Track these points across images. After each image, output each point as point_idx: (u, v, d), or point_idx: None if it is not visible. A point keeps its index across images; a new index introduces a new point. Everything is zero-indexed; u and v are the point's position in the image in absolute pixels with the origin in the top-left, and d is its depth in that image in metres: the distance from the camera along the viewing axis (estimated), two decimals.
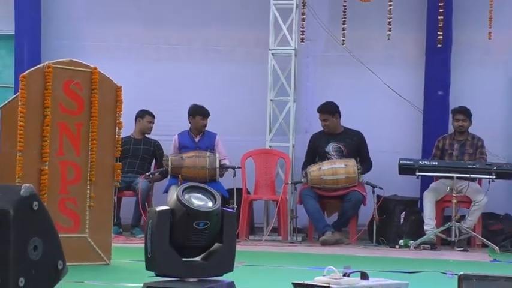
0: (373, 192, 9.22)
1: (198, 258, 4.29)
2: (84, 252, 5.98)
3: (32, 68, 6.50)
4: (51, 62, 6.47)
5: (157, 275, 4.24)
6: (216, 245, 4.26)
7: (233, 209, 6.50)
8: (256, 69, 10.05)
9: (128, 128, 8.62)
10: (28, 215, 4.59)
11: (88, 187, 6.21)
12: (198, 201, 4.22)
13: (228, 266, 4.33)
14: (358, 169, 9.16)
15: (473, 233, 8.84)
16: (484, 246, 8.76)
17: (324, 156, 9.33)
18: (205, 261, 4.28)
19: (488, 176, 8.77)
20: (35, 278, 4.57)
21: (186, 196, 4.18)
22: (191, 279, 4.17)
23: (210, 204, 4.18)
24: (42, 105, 6.03)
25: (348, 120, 9.59)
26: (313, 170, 9.17)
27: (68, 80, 6.22)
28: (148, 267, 4.22)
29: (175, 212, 4.18)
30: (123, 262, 6.39)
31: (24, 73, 6.35)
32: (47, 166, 5.97)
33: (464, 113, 9.31)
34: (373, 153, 9.50)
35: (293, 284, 4.19)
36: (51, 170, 6.00)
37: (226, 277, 4.37)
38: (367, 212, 9.29)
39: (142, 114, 9.70)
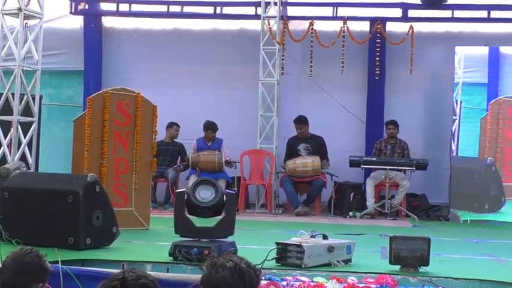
0: (332, 179, 9.60)
1: (209, 225, 4.60)
2: (130, 220, 6.26)
3: (95, 93, 6.87)
4: (109, 89, 6.91)
5: (181, 236, 4.58)
6: (221, 216, 4.57)
7: (234, 191, 6.52)
8: (251, 94, 10.35)
9: (161, 134, 8.94)
10: (92, 195, 4.93)
11: (134, 176, 6.54)
12: (204, 192, 4.51)
13: (230, 231, 4.62)
14: (322, 164, 9.52)
15: (400, 207, 9.32)
16: (407, 216, 9.20)
17: (297, 154, 9.70)
18: (214, 227, 4.60)
19: (410, 168, 9.24)
20: (97, 238, 4.90)
21: (196, 190, 4.51)
22: (204, 240, 4.48)
23: (211, 195, 4.48)
24: (102, 119, 6.34)
25: (314, 128, 9.93)
26: (290, 163, 9.61)
27: (119, 101, 6.55)
28: (176, 231, 4.61)
29: (189, 196, 4.51)
30: (158, 228, 6.62)
31: (90, 96, 6.70)
32: (105, 161, 6.31)
33: (394, 124, 9.74)
34: (331, 151, 9.82)
35: (276, 242, 4.40)
36: (108, 164, 6.32)
37: (229, 239, 4.64)
38: (327, 193, 9.68)
39: (171, 125, 9.95)
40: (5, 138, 6.65)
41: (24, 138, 6.75)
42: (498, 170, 9.77)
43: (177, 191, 4.88)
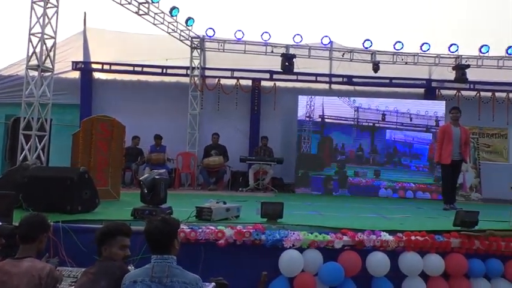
0: (229, 169, 9.63)
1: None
2: (108, 195, 5.93)
3: (87, 118, 6.60)
4: (95, 115, 6.70)
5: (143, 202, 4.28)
6: (162, 193, 4.22)
7: (169, 178, 5.87)
8: (183, 120, 10.10)
9: (129, 142, 8.89)
10: (83, 180, 4.72)
11: (110, 168, 6.24)
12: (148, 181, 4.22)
13: (164, 200, 4.26)
14: (224, 160, 9.45)
15: (268, 185, 9.20)
16: (272, 190, 9.06)
17: (210, 155, 9.47)
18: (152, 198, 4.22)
19: (273, 162, 9.33)
20: (86, 206, 4.65)
21: (146, 179, 4.23)
22: (151, 205, 4.20)
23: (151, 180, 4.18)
24: (90, 134, 6.08)
25: (220, 140, 9.77)
26: (205, 160, 9.39)
27: (102, 123, 6.28)
28: (141, 200, 4.30)
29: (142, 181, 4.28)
30: (125, 199, 6.22)
31: (83, 120, 6.44)
32: (92, 159, 6.00)
33: (266, 138, 9.82)
34: (230, 153, 9.67)
35: (196, 206, 4.28)
36: (93, 161, 6.02)
37: (168, 205, 4.36)
38: (227, 177, 9.63)
39: (134, 137, 9.52)
40: (27, 144, 6.20)
41: (39, 145, 6.32)
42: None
43: (140, 178, 4.51)
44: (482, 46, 9.86)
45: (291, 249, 3.67)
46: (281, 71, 9.89)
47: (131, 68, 10.44)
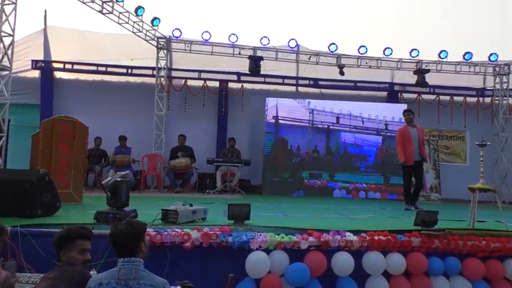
0: (196, 171, 9.55)
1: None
2: (69, 198, 5.77)
3: (47, 119, 6.38)
4: (56, 116, 6.44)
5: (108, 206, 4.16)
6: (124, 195, 4.13)
7: (133, 180, 5.81)
8: (149, 121, 9.89)
9: (91, 144, 8.73)
10: (43, 182, 4.54)
11: (72, 170, 6.04)
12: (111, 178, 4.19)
13: (126, 203, 4.16)
14: (191, 162, 9.36)
15: (235, 187, 9.20)
16: (239, 192, 9.02)
17: (176, 156, 9.40)
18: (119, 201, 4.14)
19: (241, 164, 9.25)
20: (46, 210, 4.47)
21: (109, 182, 4.16)
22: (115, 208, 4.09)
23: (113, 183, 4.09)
24: (51, 135, 5.86)
25: (187, 142, 9.67)
26: (172, 162, 9.30)
27: (63, 123, 6.06)
28: (106, 203, 4.18)
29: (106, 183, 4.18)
30: (88, 202, 6.10)
31: (44, 120, 6.25)
32: (53, 161, 5.80)
33: (233, 139, 9.74)
34: (197, 155, 9.57)
35: (161, 209, 4.18)
36: (54, 163, 5.81)
37: (133, 207, 4.30)
38: (194, 179, 9.54)
39: (96, 139, 9.27)
40: None
41: None
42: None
43: (103, 181, 4.37)
44: (441, 51, 10.26)
45: (257, 250, 3.67)
46: (248, 73, 9.92)
47: (95, 68, 10.16)
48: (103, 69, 10.16)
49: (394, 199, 9.29)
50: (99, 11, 8.35)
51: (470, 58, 10.31)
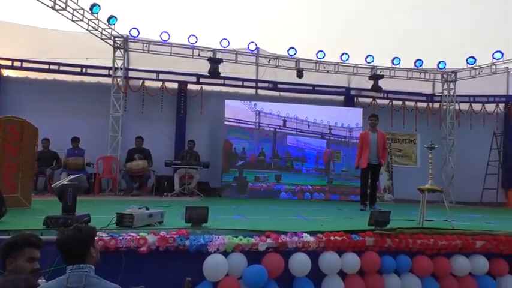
0: (154, 173, 9.37)
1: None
2: (17, 202, 5.50)
3: None
4: (3, 116, 6.03)
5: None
6: (70, 199, 3.86)
7: (86, 183, 5.35)
8: (105, 122, 9.64)
9: (39, 147, 8.25)
10: None
11: (20, 173, 5.74)
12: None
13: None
14: (148, 165, 9.15)
15: (193, 189, 9.13)
16: (198, 194, 9.01)
17: (133, 159, 9.19)
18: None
19: (199, 167, 9.09)
20: None
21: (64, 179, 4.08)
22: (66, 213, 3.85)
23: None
24: None
25: (144, 143, 9.47)
26: (128, 164, 9.11)
27: (10, 124, 5.78)
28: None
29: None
30: (37, 207, 5.83)
31: None
32: None
33: (193, 141, 9.63)
34: (154, 157, 9.37)
35: (116, 213, 4.03)
36: (0, 166, 5.53)
37: (86, 212, 4.08)
38: (151, 182, 9.35)
39: (43, 140, 8.72)
40: None
41: None
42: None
43: (53, 184, 4.17)
44: (394, 58, 10.68)
45: (215, 253, 3.64)
46: (208, 74, 9.89)
47: (46, 66, 9.76)
48: (55, 67, 9.77)
49: (336, 199, 9.72)
50: (51, 7, 8.01)
51: (421, 65, 10.80)
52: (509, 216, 6.69)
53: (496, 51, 10.06)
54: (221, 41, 9.84)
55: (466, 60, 10.50)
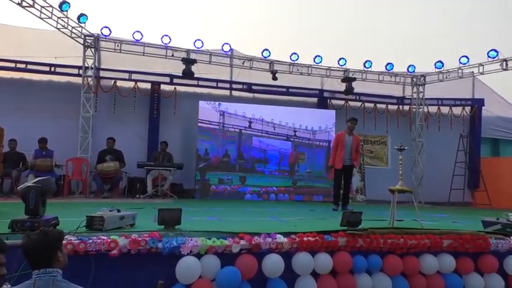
0: (126, 175, 9.22)
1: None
2: None
3: None
4: None
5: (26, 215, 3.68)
6: (32, 202, 3.65)
7: (54, 185, 5.15)
8: (75, 123, 9.42)
9: (6, 147, 8.14)
10: None
11: None
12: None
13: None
14: (120, 166, 9.00)
15: (167, 191, 8.99)
16: (171, 196, 8.87)
17: (104, 160, 9.04)
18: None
19: (173, 168, 8.99)
20: None
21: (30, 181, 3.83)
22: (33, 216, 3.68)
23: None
24: None
25: (116, 145, 9.34)
26: (99, 166, 8.92)
27: None
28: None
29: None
30: (3, 210, 5.63)
31: None
32: None
33: (165, 143, 9.48)
34: (127, 159, 9.23)
35: (86, 215, 3.93)
36: None
37: (55, 214, 3.93)
38: (123, 184, 9.21)
39: (10, 141, 8.56)
40: None
41: None
42: None
43: (19, 187, 3.93)
44: (366, 61, 10.90)
45: (188, 255, 3.60)
46: (181, 75, 9.80)
47: (12, 65, 9.44)
48: (23, 66, 9.47)
49: (300, 200, 9.88)
50: (18, 4, 7.75)
51: (392, 69, 11.07)
52: (474, 216, 6.91)
53: (462, 56, 10.40)
54: (195, 41, 9.79)
55: (434, 64, 10.81)
